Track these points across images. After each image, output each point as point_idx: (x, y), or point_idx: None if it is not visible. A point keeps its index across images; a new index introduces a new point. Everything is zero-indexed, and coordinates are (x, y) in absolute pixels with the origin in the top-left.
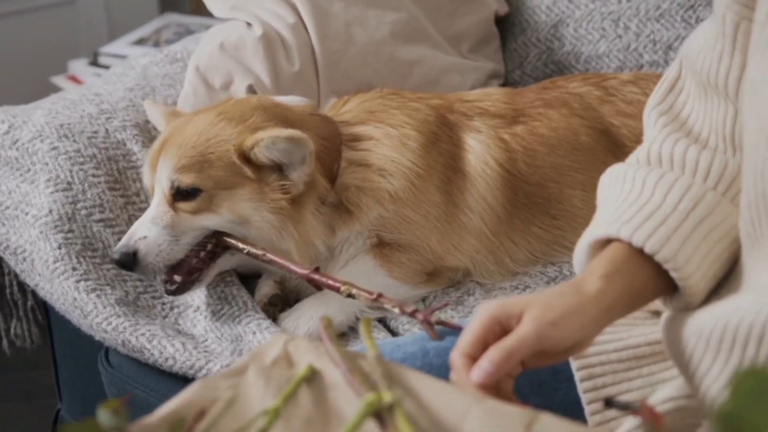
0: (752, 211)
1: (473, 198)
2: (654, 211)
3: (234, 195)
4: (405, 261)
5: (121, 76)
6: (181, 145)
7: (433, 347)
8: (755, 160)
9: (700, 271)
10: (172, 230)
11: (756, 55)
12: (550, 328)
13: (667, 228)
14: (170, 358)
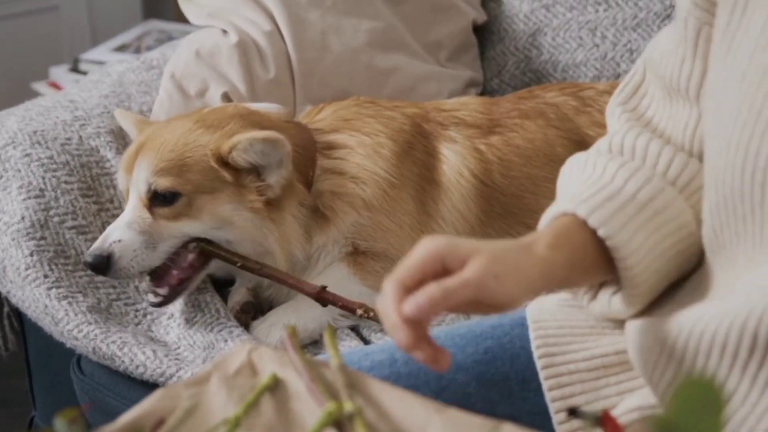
0: (714, 218)
1: (447, 209)
2: (613, 195)
3: (214, 199)
4: (379, 269)
5: (96, 82)
6: (158, 149)
7: (401, 356)
8: (717, 166)
9: (645, 262)
10: (149, 236)
11: (717, 63)
12: (492, 279)
13: (623, 214)
14: (141, 366)
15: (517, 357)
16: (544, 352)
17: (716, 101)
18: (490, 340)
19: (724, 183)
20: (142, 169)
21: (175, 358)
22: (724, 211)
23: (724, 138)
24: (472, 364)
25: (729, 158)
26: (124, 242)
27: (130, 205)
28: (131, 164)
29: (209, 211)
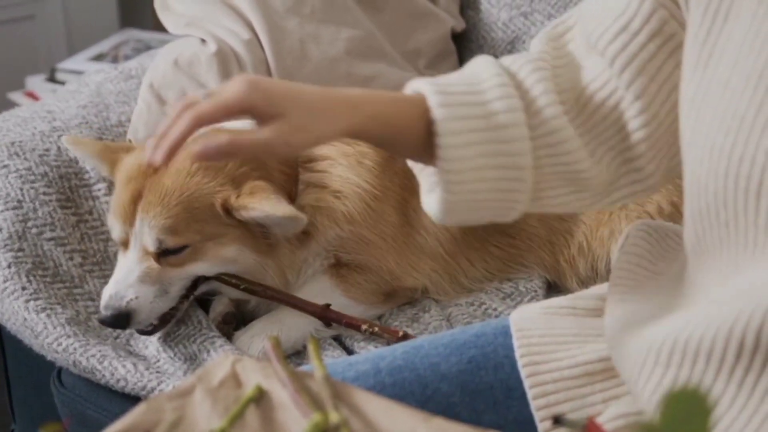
0: (696, 224)
1: (428, 219)
2: (473, 103)
3: (219, 243)
4: (362, 282)
5: (74, 93)
6: (162, 202)
7: (385, 366)
8: (699, 173)
9: (465, 174)
10: (160, 284)
11: (695, 72)
12: (284, 146)
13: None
14: (122, 380)
15: (501, 366)
16: (528, 361)
17: (696, 110)
18: (474, 349)
19: (707, 190)
20: (148, 225)
21: (156, 371)
22: (707, 217)
23: (706, 145)
24: (456, 373)
25: (712, 165)
26: (140, 299)
27: (134, 256)
28: (129, 214)
29: (214, 255)
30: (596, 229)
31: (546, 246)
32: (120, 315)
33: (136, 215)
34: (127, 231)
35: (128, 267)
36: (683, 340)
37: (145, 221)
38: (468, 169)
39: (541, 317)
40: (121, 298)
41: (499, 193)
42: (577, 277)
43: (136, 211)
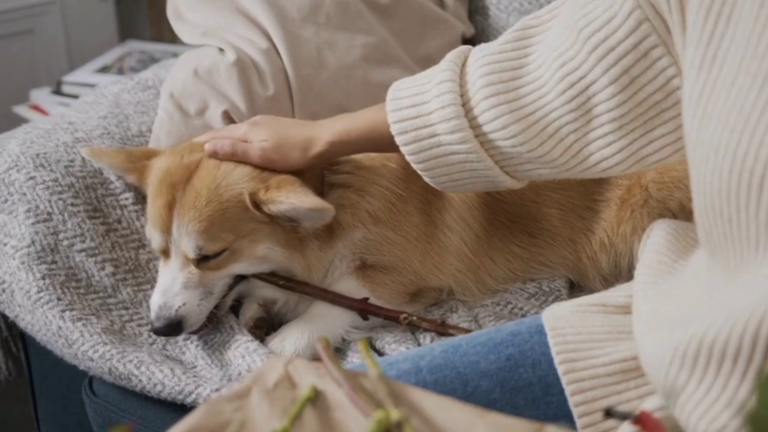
0: (703, 221)
1: (452, 218)
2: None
3: (252, 242)
4: (388, 282)
5: (93, 104)
6: (195, 206)
7: (426, 365)
8: (704, 171)
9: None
10: (203, 288)
11: (700, 73)
12: (265, 160)
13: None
14: (159, 384)
15: (538, 363)
16: (564, 358)
17: (702, 109)
18: (511, 347)
19: (712, 187)
20: (185, 232)
21: (193, 375)
22: (712, 213)
23: (712, 143)
24: (495, 371)
25: (717, 162)
26: (188, 306)
27: (175, 264)
28: (166, 222)
29: (249, 254)
30: (618, 226)
31: (568, 244)
32: (171, 323)
33: (172, 222)
34: (166, 240)
35: (171, 276)
36: (709, 342)
37: (181, 228)
38: (432, 166)
39: (573, 316)
40: (170, 307)
41: (470, 176)
42: (600, 275)
43: (172, 218)
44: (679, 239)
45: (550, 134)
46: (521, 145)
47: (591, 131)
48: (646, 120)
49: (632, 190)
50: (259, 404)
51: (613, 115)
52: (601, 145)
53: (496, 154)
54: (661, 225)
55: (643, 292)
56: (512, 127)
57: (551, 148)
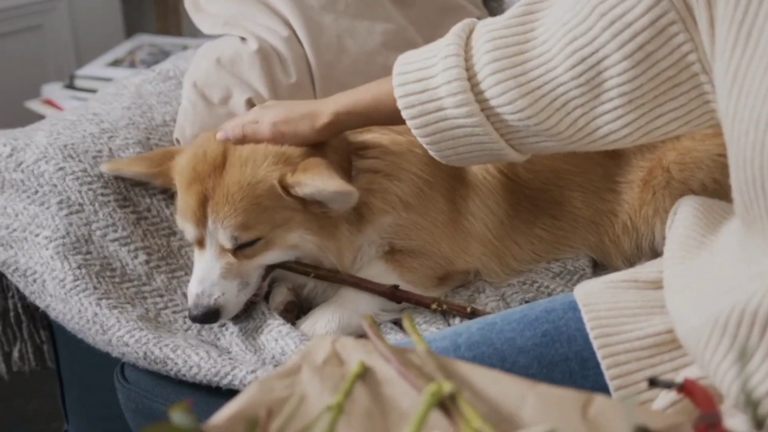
0: (743, 195)
1: (475, 205)
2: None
3: (286, 230)
4: (417, 266)
5: (115, 95)
6: (229, 201)
7: (464, 342)
8: (744, 147)
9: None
10: (241, 278)
11: (735, 51)
12: (275, 132)
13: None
14: (195, 367)
15: (574, 339)
16: (598, 333)
17: (739, 86)
18: (546, 324)
19: (753, 161)
20: (221, 226)
21: (229, 358)
22: (753, 188)
23: (752, 119)
24: (532, 347)
25: (757, 137)
26: (227, 295)
27: (212, 254)
28: (200, 217)
29: (282, 242)
30: (640, 208)
31: (591, 226)
32: (209, 312)
33: (207, 217)
34: (201, 232)
35: (208, 265)
36: (751, 310)
37: (217, 222)
38: (438, 140)
39: (604, 292)
40: (209, 296)
41: (475, 149)
42: (623, 255)
43: (206, 213)
44: (706, 215)
45: (557, 108)
46: (528, 119)
47: (599, 105)
48: (657, 95)
49: (654, 171)
50: (310, 381)
51: (624, 90)
52: (610, 119)
53: (502, 127)
54: (688, 201)
55: (674, 267)
56: (519, 102)
57: (558, 121)
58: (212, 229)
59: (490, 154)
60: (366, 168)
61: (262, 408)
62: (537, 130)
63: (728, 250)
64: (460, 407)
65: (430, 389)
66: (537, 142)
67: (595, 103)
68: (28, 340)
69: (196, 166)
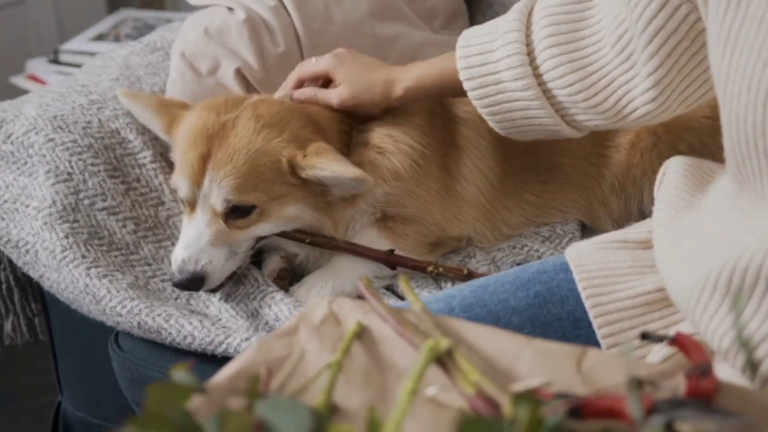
0: (737, 154)
1: (468, 169)
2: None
3: (283, 203)
4: (409, 233)
5: (103, 67)
6: (230, 161)
7: (458, 304)
8: (736, 107)
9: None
10: (230, 247)
11: (728, 13)
12: (343, 106)
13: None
14: (188, 336)
15: (566, 299)
16: (590, 293)
17: (732, 47)
18: (539, 284)
19: (746, 121)
20: (218, 186)
21: (222, 326)
22: (746, 147)
23: (744, 79)
24: (525, 307)
25: (750, 98)
26: (214, 263)
27: (203, 218)
28: (198, 174)
29: (278, 214)
30: (628, 171)
31: (579, 189)
32: (195, 278)
33: (204, 175)
34: (194, 192)
35: (198, 230)
36: (742, 267)
37: (214, 181)
38: (496, 112)
39: (595, 253)
40: (196, 262)
41: (532, 123)
42: (611, 217)
43: (204, 171)
44: (695, 174)
45: (605, 86)
46: (577, 94)
47: (639, 85)
48: (681, 68)
49: (641, 134)
50: (308, 340)
51: (652, 68)
52: (647, 99)
53: (555, 103)
54: (677, 161)
55: (664, 227)
56: (569, 77)
57: (604, 99)
58: (207, 190)
59: (547, 129)
60: (361, 142)
61: (261, 367)
62: (586, 106)
63: (718, 209)
64: (457, 362)
65: (427, 345)
66: (588, 120)
67: (635, 83)
68: (20, 313)
69: (206, 123)
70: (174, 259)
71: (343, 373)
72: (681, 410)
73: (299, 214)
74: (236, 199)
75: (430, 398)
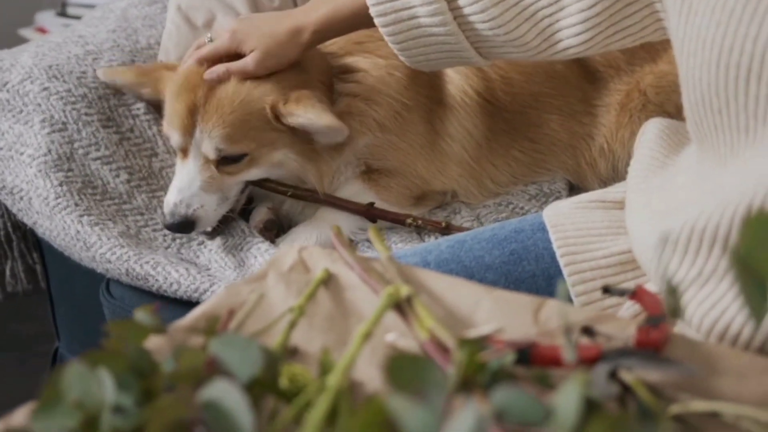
0: (694, 114)
1: (453, 127)
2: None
3: (271, 149)
4: (393, 185)
5: (101, 19)
6: (218, 111)
7: (433, 259)
8: (692, 66)
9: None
10: (221, 192)
11: None
12: (262, 68)
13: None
14: (174, 283)
15: (541, 257)
16: (565, 251)
17: (688, 6)
18: (515, 243)
19: (701, 80)
20: (208, 136)
21: (208, 275)
22: (702, 106)
23: (699, 39)
24: (500, 264)
25: (704, 57)
26: (206, 207)
27: (195, 165)
28: (188, 125)
29: (267, 160)
30: (617, 131)
31: (568, 149)
32: (186, 222)
33: (194, 126)
34: (186, 141)
35: (190, 176)
36: (700, 228)
37: (204, 131)
38: (409, 47)
39: (573, 212)
40: (188, 206)
41: (446, 56)
42: (599, 178)
43: (194, 122)
44: (671, 136)
45: (526, 18)
46: (498, 27)
47: (563, 19)
48: (612, 14)
49: (631, 95)
50: (275, 286)
51: (582, 6)
52: (571, 34)
53: (472, 35)
54: (654, 123)
55: (636, 186)
56: (491, 10)
57: (526, 31)
58: (198, 139)
59: (459, 59)
60: (346, 92)
61: (226, 309)
62: (506, 39)
63: (689, 170)
64: (415, 309)
65: (387, 291)
66: (505, 52)
67: (560, 15)
68: (18, 259)
69: (189, 75)
70: (166, 203)
71: (307, 318)
72: (627, 359)
73: (285, 160)
74: (227, 148)
75: (389, 344)
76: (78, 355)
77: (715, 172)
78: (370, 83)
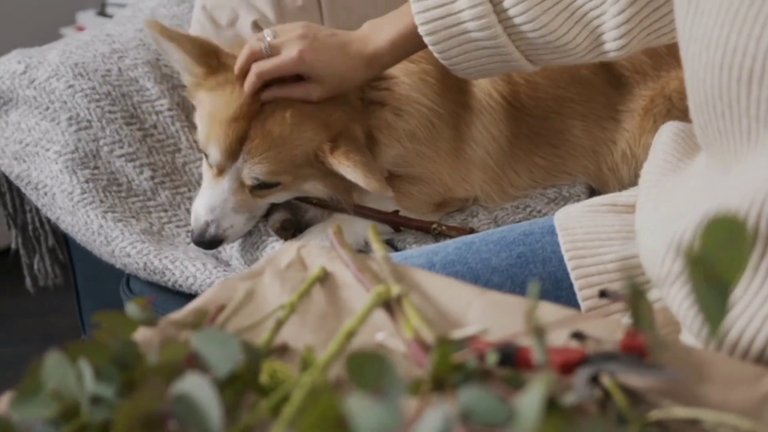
0: (698, 117)
1: (478, 131)
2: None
3: (304, 181)
4: (414, 192)
5: (130, 18)
6: (270, 150)
7: (439, 260)
8: (697, 66)
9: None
10: (249, 212)
11: None
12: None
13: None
14: (191, 277)
15: (548, 260)
16: (573, 255)
17: (695, 6)
18: (523, 246)
19: (705, 82)
20: (250, 165)
21: (224, 270)
22: (706, 109)
23: (704, 39)
24: (506, 267)
25: (709, 57)
26: (235, 227)
27: (229, 187)
28: (234, 152)
29: (297, 189)
30: (640, 137)
31: (590, 155)
32: (215, 240)
33: (239, 153)
34: (226, 163)
35: (224, 196)
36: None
37: (248, 162)
38: (460, 61)
39: (584, 215)
40: (218, 226)
41: (495, 64)
42: (620, 183)
43: (240, 149)
44: (685, 139)
45: (576, 21)
46: (550, 34)
47: (608, 21)
48: (648, 13)
49: (655, 100)
50: (270, 283)
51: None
52: (615, 36)
53: (522, 44)
54: (670, 126)
55: (647, 190)
56: (542, 18)
57: (576, 34)
58: (240, 166)
59: (509, 68)
60: (376, 100)
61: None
62: (556, 45)
63: (699, 174)
64: (404, 309)
65: (377, 289)
66: (554, 58)
67: (605, 18)
68: (47, 254)
69: (245, 104)
70: (196, 218)
71: (299, 315)
72: (609, 363)
73: (314, 190)
74: (266, 179)
75: (379, 343)
76: None
77: (720, 178)
78: (401, 92)
